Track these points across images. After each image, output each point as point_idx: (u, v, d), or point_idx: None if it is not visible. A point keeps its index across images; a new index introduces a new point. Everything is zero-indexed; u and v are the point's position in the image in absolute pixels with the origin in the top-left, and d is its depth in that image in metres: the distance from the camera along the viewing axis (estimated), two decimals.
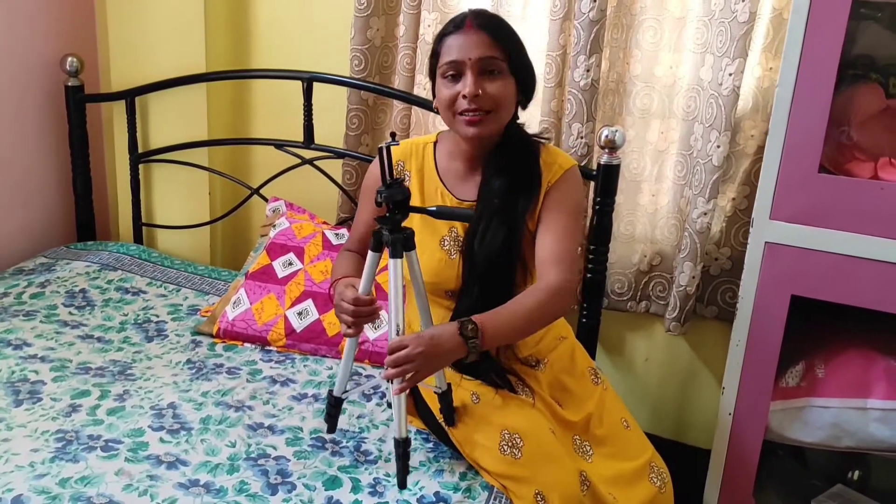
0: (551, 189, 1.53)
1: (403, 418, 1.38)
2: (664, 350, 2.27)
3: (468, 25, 1.45)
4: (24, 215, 2.41)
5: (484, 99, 1.45)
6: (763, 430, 1.76)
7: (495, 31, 1.46)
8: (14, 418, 1.58)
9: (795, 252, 1.65)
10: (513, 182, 1.51)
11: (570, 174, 1.55)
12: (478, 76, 1.45)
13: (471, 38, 1.45)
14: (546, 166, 1.54)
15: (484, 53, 1.44)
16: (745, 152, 2.03)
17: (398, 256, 1.37)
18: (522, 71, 1.50)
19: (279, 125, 2.43)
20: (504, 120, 1.50)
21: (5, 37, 2.26)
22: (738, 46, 1.86)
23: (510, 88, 1.48)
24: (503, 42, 1.46)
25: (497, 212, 1.48)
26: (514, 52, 1.48)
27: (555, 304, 1.45)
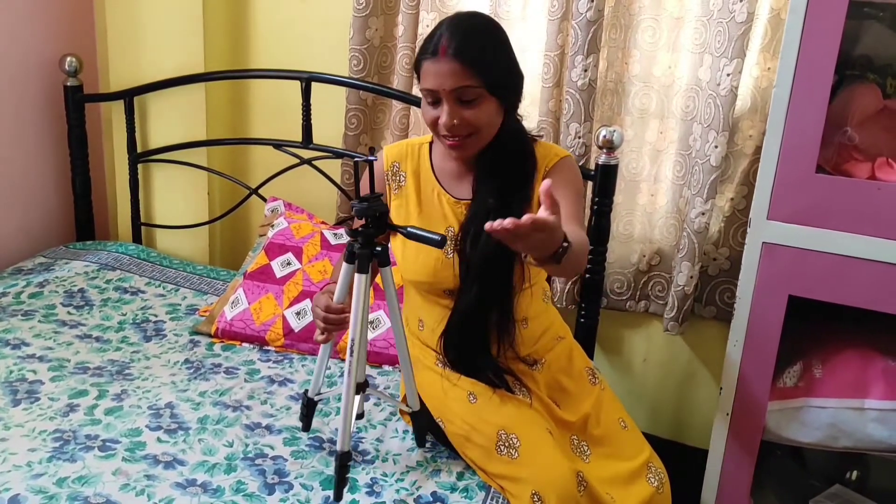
0: (548, 173, 1.52)
1: (348, 430, 1.38)
2: (662, 350, 2.27)
3: (442, 52, 1.39)
4: (22, 215, 2.41)
5: (461, 126, 1.43)
6: (761, 430, 1.76)
7: (470, 57, 1.39)
8: (12, 418, 1.58)
9: (793, 252, 1.64)
10: (507, 180, 1.51)
11: (567, 161, 1.55)
12: (454, 105, 1.42)
13: (444, 66, 1.39)
14: (541, 158, 1.54)
15: (458, 84, 1.40)
16: (743, 152, 2.03)
17: (364, 272, 1.36)
18: (504, 90, 1.45)
19: (278, 125, 2.43)
20: (486, 138, 1.48)
21: (4, 37, 2.26)
22: (736, 47, 1.86)
23: (489, 111, 1.44)
24: (479, 69, 1.40)
25: (492, 211, 1.48)
26: (493, 75, 1.42)
27: (586, 253, 1.45)
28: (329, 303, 1.45)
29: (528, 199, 1.51)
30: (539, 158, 1.54)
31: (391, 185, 1.61)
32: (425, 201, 1.58)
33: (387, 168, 1.61)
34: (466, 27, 1.43)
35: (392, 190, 1.60)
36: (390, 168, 1.61)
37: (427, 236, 1.29)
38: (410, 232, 1.32)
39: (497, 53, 1.45)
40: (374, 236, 1.36)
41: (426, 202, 1.58)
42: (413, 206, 1.58)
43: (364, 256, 1.36)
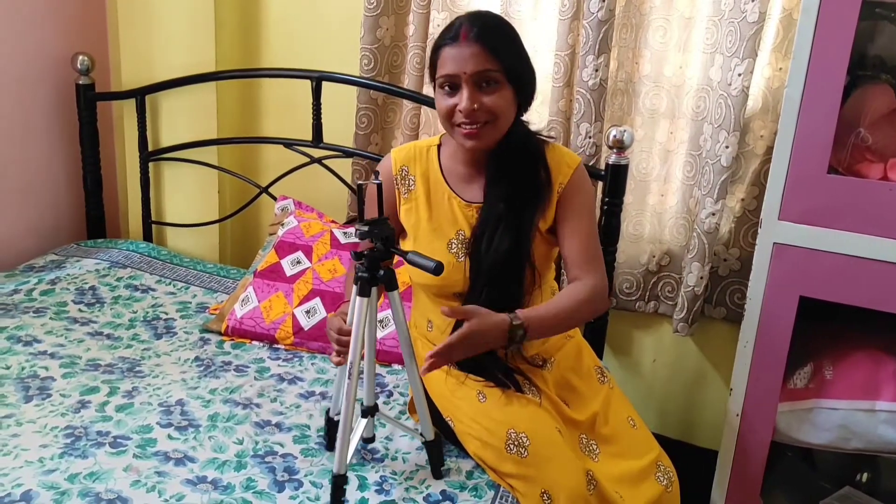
0: (566, 190, 1.53)
1: (345, 453, 1.36)
2: (672, 351, 2.26)
3: (463, 36, 1.42)
4: (34, 213, 2.43)
5: (480, 112, 1.44)
6: (771, 431, 1.75)
7: (491, 42, 1.42)
8: (24, 414, 1.59)
9: (804, 253, 1.64)
10: (518, 185, 1.50)
11: (580, 172, 1.56)
12: (473, 90, 1.43)
13: (465, 50, 1.42)
14: (554, 166, 1.54)
15: (479, 67, 1.42)
16: (754, 153, 2.02)
17: (365, 295, 1.35)
18: (520, 79, 1.47)
19: (288, 124, 2.44)
20: (503, 129, 1.49)
21: (18, 35, 2.27)
22: (748, 46, 1.85)
23: (507, 98, 1.46)
24: (499, 53, 1.43)
25: (503, 217, 1.47)
26: (512, 62, 1.45)
27: (594, 305, 1.51)
28: (342, 325, 1.46)
29: (537, 208, 1.52)
30: (552, 167, 1.54)
31: (400, 189, 1.60)
32: (435, 205, 1.57)
33: (395, 172, 1.60)
34: (485, 16, 1.48)
35: (401, 194, 1.60)
36: (399, 172, 1.60)
37: (424, 263, 1.28)
38: (410, 259, 1.30)
39: (515, 43, 1.48)
40: (379, 260, 1.34)
41: (436, 206, 1.57)
42: (423, 209, 1.58)
43: (366, 280, 1.34)
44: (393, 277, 1.37)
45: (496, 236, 1.48)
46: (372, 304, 1.37)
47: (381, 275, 1.35)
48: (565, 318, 1.46)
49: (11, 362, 1.78)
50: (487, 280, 1.48)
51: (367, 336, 1.38)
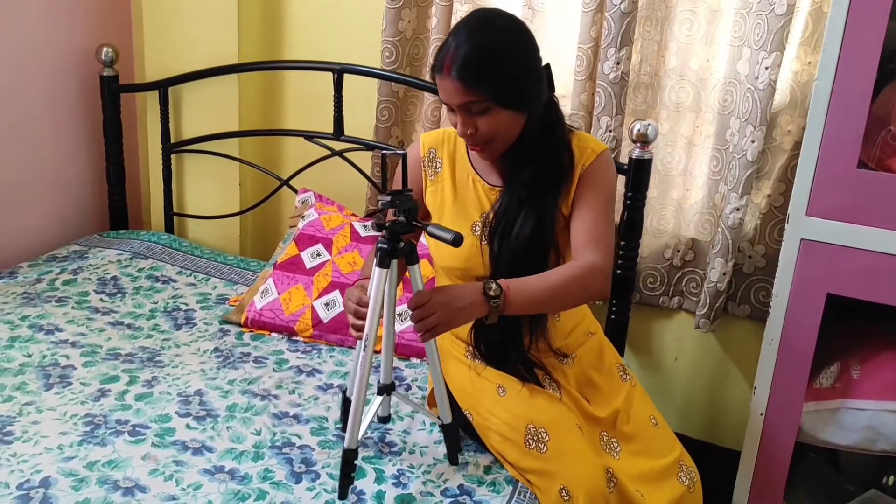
0: (586, 171, 1.50)
1: (357, 427, 1.34)
2: (694, 349, 2.23)
3: (446, 71, 1.38)
4: (58, 203, 2.45)
5: (477, 136, 1.43)
6: (795, 431, 1.72)
7: (471, 77, 1.36)
8: (44, 402, 1.60)
9: (832, 249, 1.61)
10: (540, 170, 1.48)
11: (604, 157, 1.52)
12: (465, 116, 1.42)
13: (448, 84, 1.39)
14: (579, 150, 1.51)
15: (462, 100, 1.39)
16: (781, 148, 1.98)
17: (384, 266, 1.33)
18: (514, 101, 1.41)
19: (309, 117, 2.43)
20: (507, 143, 1.46)
21: (43, 27, 2.29)
22: (776, 40, 1.82)
23: (502, 120, 1.42)
24: (481, 85, 1.37)
25: (525, 202, 1.46)
26: (498, 88, 1.38)
27: (587, 284, 1.43)
28: (362, 296, 1.44)
29: (560, 192, 1.49)
30: (576, 152, 1.51)
31: (427, 171, 1.60)
32: (460, 187, 1.57)
33: (423, 154, 1.60)
34: (472, 43, 1.37)
35: (428, 176, 1.60)
36: (427, 154, 1.60)
37: (442, 235, 1.26)
38: (430, 231, 1.29)
39: (503, 65, 1.38)
40: (400, 232, 1.32)
41: (461, 188, 1.57)
42: (448, 192, 1.57)
43: (386, 251, 1.32)
44: (414, 251, 1.35)
45: (518, 221, 1.46)
46: (392, 276, 1.35)
47: (401, 247, 1.33)
48: (551, 290, 1.40)
49: (33, 350, 1.79)
50: (509, 265, 1.46)
51: (385, 310, 1.36)
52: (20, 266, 2.23)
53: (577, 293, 1.44)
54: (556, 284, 1.40)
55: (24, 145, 2.30)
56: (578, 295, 1.45)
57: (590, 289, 1.44)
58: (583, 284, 1.42)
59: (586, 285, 1.43)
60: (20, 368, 1.71)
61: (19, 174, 2.30)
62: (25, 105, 2.29)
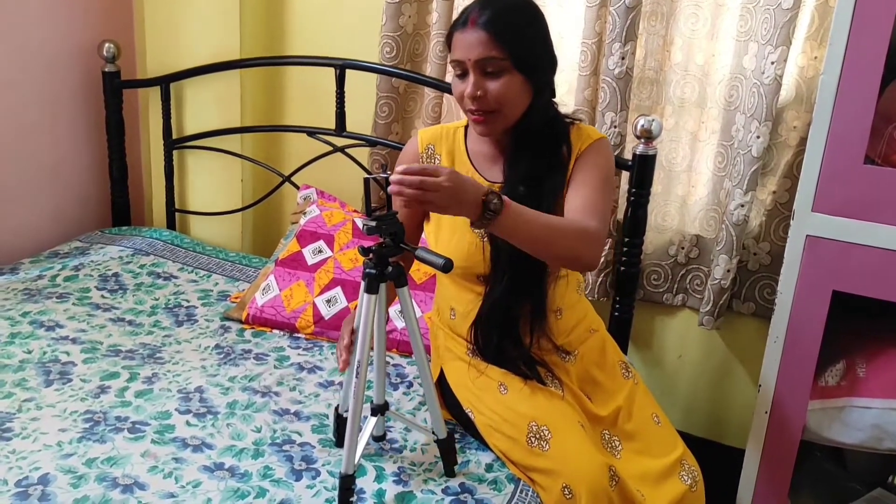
0: (581, 155, 1.49)
1: (353, 452, 1.32)
2: (698, 346, 2.22)
3: (471, 22, 1.39)
4: (60, 200, 2.44)
5: (485, 100, 1.41)
6: (800, 429, 1.70)
7: (498, 29, 1.38)
8: (44, 398, 1.59)
9: (838, 246, 1.59)
10: (538, 166, 1.47)
11: (600, 143, 1.51)
12: (479, 76, 1.40)
13: (472, 36, 1.38)
14: (575, 140, 1.50)
15: (483, 54, 1.38)
16: (787, 144, 1.97)
17: (372, 292, 1.31)
18: (531, 67, 1.42)
19: (311, 113, 2.42)
20: (512, 116, 1.45)
21: (44, 23, 2.28)
22: (782, 34, 1.80)
23: (514, 86, 1.41)
24: (506, 41, 1.38)
25: (522, 198, 1.44)
26: (521, 50, 1.40)
27: (582, 241, 1.37)
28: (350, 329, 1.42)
29: (558, 187, 1.47)
30: (573, 142, 1.50)
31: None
32: None
33: (421, 150, 1.59)
34: (501, 2, 1.41)
35: None
36: (425, 150, 1.59)
37: (433, 260, 1.22)
38: (419, 255, 1.25)
39: (528, 29, 1.42)
40: (388, 255, 1.29)
41: None
42: None
43: (374, 277, 1.30)
44: (402, 274, 1.33)
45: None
46: (381, 301, 1.33)
47: (389, 271, 1.31)
48: (547, 228, 1.34)
49: (33, 347, 1.78)
50: (508, 263, 1.45)
51: (376, 334, 1.33)
52: (22, 262, 2.23)
53: (569, 245, 1.36)
54: (555, 225, 1.36)
55: (26, 141, 2.30)
56: (571, 246, 1.37)
57: (581, 248, 1.37)
58: (576, 240, 1.37)
59: (579, 243, 1.37)
60: (20, 365, 1.71)
61: (21, 170, 2.30)
62: (27, 101, 2.28)
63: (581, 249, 1.38)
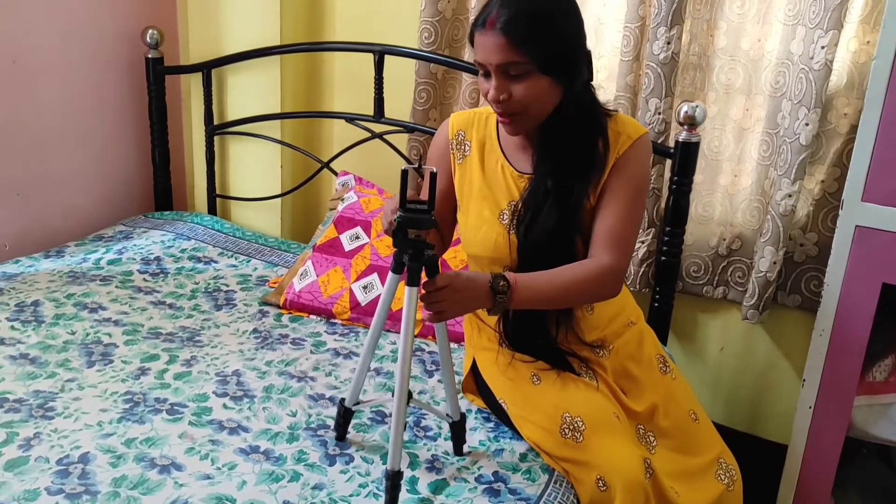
0: (619, 160, 1.43)
1: (399, 446, 1.28)
2: (741, 339, 2.17)
3: (490, 24, 1.31)
4: (105, 184, 2.49)
5: (509, 103, 1.36)
6: (846, 426, 1.66)
7: (518, 33, 1.30)
8: (86, 378, 1.63)
9: (889, 237, 1.54)
10: (569, 158, 1.41)
11: (639, 144, 1.44)
12: (502, 79, 1.34)
13: (490, 40, 1.31)
14: (614, 136, 1.44)
15: (504, 59, 1.31)
16: (836, 132, 1.90)
17: (416, 284, 1.27)
18: (557, 67, 1.34)
19: (350, 99, 2.43)
20: (538, 117, 1.39)
21: (89, 10, 2.32)
22: (833, 17, 1.74)
23: (539, 88, 1.34)
24: (526, 45, 1.30)
25: (550, 192, 1.40)
26: (544, 51, 1.31)
27: (599, 285, 1.41)
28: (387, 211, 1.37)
29: (590, 182, 1.42)
30: (612, 136, 1.43)
31: (455, 154, 1.55)
32: (489, 173, 1.52)
33: (452, 136, 1.56)
34: (522, 1, 1.32)
35: (456, 160, 1.55)
36: (455, 136, 1.56)
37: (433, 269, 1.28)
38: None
39: (552, 29, 1.32)
40: (424, 249, 1.25)
41: (490, 173, 1.52)
42: (476, 176, 1.52)
43: (415, 269, 1.27)
44: (436, 262, 1.29)
45: (543, 212, 1.41)
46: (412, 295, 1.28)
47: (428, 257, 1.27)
48: (562, 289, 1.37)
49: (77, 328, 1.82)
50: (534, 255, 1.42)
51: (403, 323, 1.29)
52: (67, 245, 2.28)
53: (587, 294, 1.43)
54: (567, 284, 1.38)
55: (72, 127, 2.34)
56: (588, 296, 1.44)
57: (601, 291, 1.43)
58: (594, 287, 1.41)
59: (598, 288, 1.41)
60: (64, 346, 1.75)
61: (68, 155, 2.35)
62: (73, 87, 2.32)
63: (601, 293, 1.44)
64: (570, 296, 1.41)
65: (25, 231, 2.28)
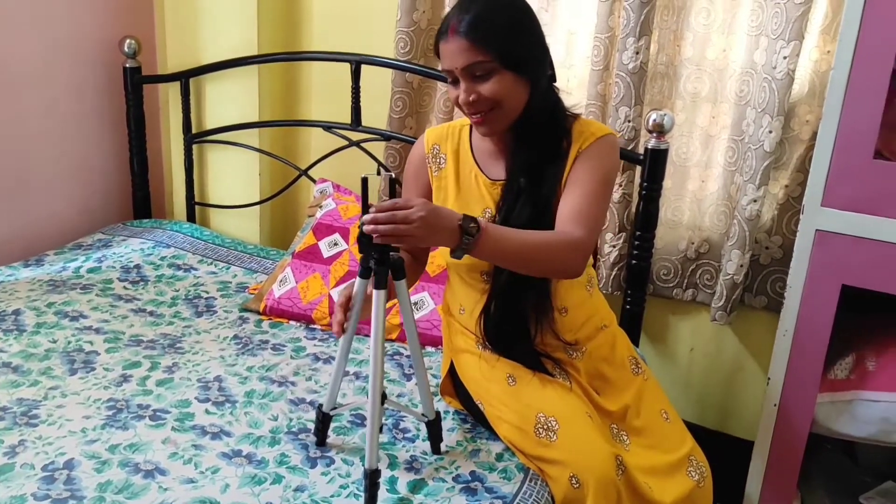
0: (581, 153, 1.48)
1: (375, 446, 1.33)
2: (710, 339, 2.23)
3: (451, 31, 1.38)
4: (83, 192, 2.50)
5: (480, 102, 1.42)
6: (809, 422, 1.72)
7: (478, 34, 1.37)
8: (68, 386, 1.65)
9: (847, 240, 1.60)
10: (538, 157, 1.47)
11: (604, 141, 1.49)
12: (469, 82, 1.41)
13: (453, 45, 1.38)
14: (577, 135, 1.49)
15: (468, 61, 1.38)
16: (799, 138, 1.97)
17: (382, 287, 1.31)
18: (520, 62, 1.41)
19: (328, 107, 2.46)
20: (511, 112, 1.45)
21: (67, 18, 2.33)
22: (794, 28, 1.80)
23: (507, 83, 1.40)
24: (488, 43, 1.37)
25: (522, 191, 1.46)
26: (506, 48, 1.38)
27: (567, 255, 1.40)
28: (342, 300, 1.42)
29: (558, 178, 1.47)
30: (575, 135, 1.49)
31: (432, 167, 1.60)
32: (463, 183, 1.57)
33: (427, 151, 1.61)
34: (479, 4, 1.39)
35: (433, 172, 1.60)
36: (431, 150, 1.61)
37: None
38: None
39: (511, 27, 1.40)
40: (390, 251, 1.31)
41: (464, 183, 1.57)
42: (452, 187, 1.57)
43: (381, 272, 1.31)
44: (402, 265, 1.34)
45: (515, 210, 1.46)
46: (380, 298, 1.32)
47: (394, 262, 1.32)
48: (531, 248, 1.37)
49: (58, 336, 1.84)
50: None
51: (373, 326, 1.33)
52: (46, 254, 2.29)
53: (553, 260, 1.40)
54: (537, 245, 1.38)
55: (50, 135, 2.35)
56: (553, 262, 1.40)
57: (567, 262, 1.41)
58: (561, 255, 1.39)
59: (564, 257, 1.40)
60: (46, 354, 1.77)
61: (46, 164, 2.36)
62: (51, 96, 2.33)
63: (566, 263, 1.41)
64: (537, 259, 1.39)
65: (4, 240, 2.29)
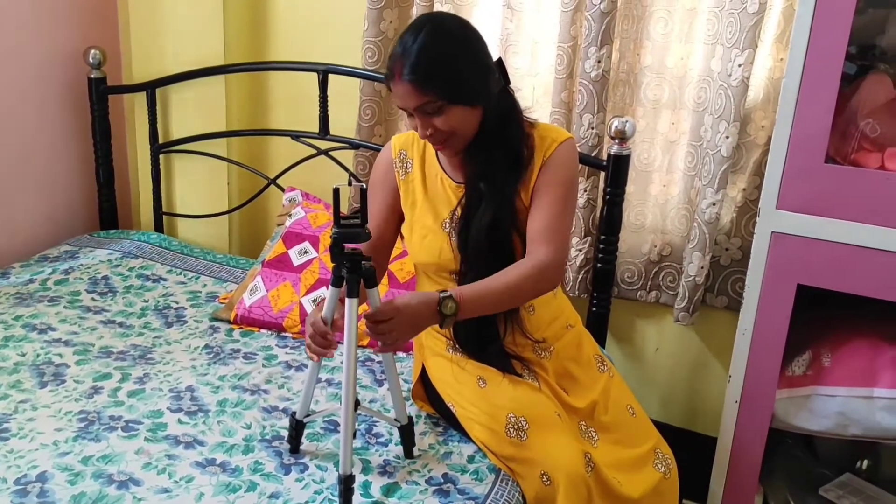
0: (546, 162, 1.54)
1: (349, 452, 1.35)
2: (674, 339, 2.29)
3: (397, 76, 1.44)
4: (48, 204, 2.48)
5: (437, 134, 1.48)
6: (769, 417, 1.78)
7: (420, 78, 1.41)
8: (39, 399, 1.64)
9: (802, 241, 1.66)
10: (496, 160, 1.52)
11: (565, 147, 1.56)
12: (423, 118, 1.46)
13: (401, 89, 1.44)
14: (540, 140, 1.55)
15: (417, 103, 1.44)
16: (755, 143, 2.04)
17: (354, 296, 1.34)
18: (466, 96, 1.46)
19: (295, 116, 2.47)
20: (467, 136, 1.50)
21: (30, 29, 2.32)
22: (748, 37, 1.87)
23: (457, 116, 1.46)
24: (432, 84, 1.42)
25: (483, 194, 1.51)
26: (450, 86, 1.44)
27: (541, 281, 1.49)
28: (317, 319, 1.43)
29: (518, 180, 1.53)
30: (538, 140, 1.55)
31: (399, 172, 1.64)
32: (430, 186, 1.62)
33: (394, 156, 1.65)
34: (417, 46, 1.42)
35: (400, 177, 1.64)
36: (398, 156, 1.65)
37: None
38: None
39: (450, 65, 1.44)
40: (361, 260, 1.33)
41: (431, 187, 1.61)
42: (419, 191, 1.62)
43: (353, 280, 1.34)
44: (374, 273, 1.36)
45: (478, 212, 1.51)
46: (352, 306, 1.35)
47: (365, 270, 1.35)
48: (505, 292, 1.46)
49: (27, 349, 1.83)
50: (475, 256, 1.52)
51: (346, 333, 1.35)
52: (12, 267, 2.27)
53: (529, 291, 1.51)
54: (509, 285, 1.46)
55: (14, 147, 2.34)
56: (530, 292, 1.52)
57: (541, 284, 1.51)
58: (534, 283, 1.49)
59: (537, 283, 1.49)
60: (15, 367, 1.76)
61: (9, 176, 2.34)
62: (14, 107, 2.32)
63: (542, 286, 1.52)
64: (514, 296, 1.49)
65: None
